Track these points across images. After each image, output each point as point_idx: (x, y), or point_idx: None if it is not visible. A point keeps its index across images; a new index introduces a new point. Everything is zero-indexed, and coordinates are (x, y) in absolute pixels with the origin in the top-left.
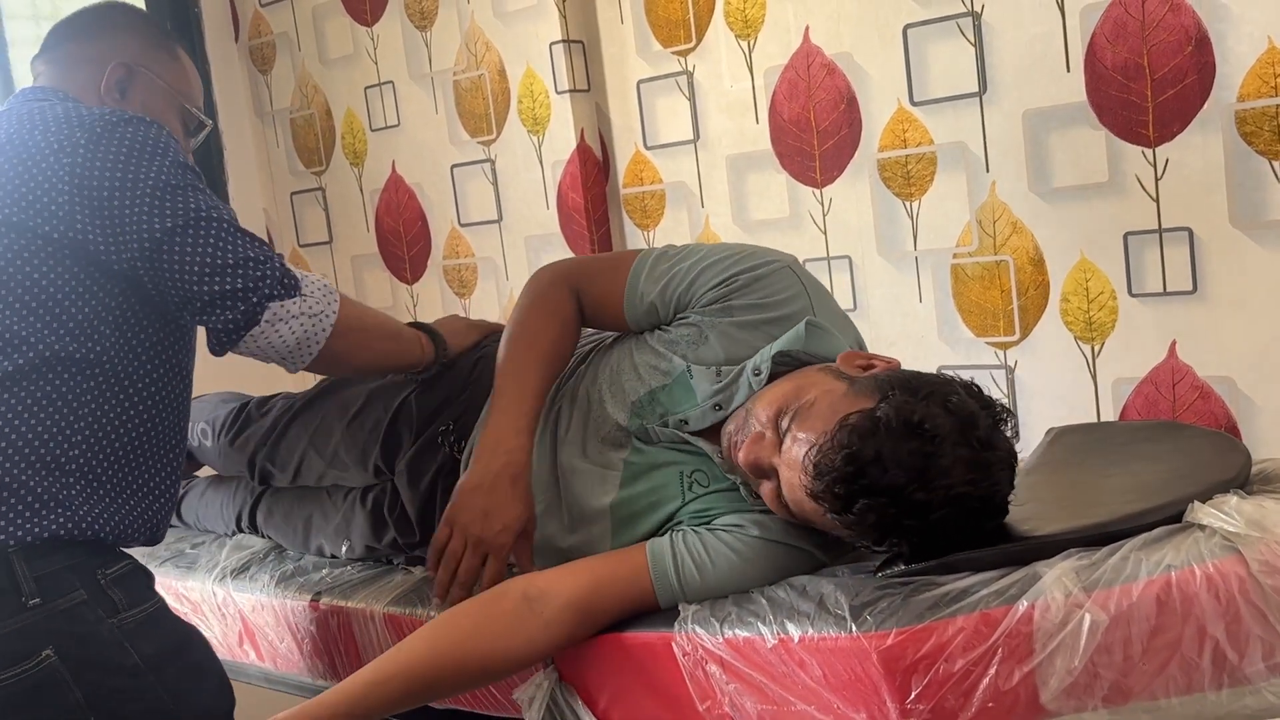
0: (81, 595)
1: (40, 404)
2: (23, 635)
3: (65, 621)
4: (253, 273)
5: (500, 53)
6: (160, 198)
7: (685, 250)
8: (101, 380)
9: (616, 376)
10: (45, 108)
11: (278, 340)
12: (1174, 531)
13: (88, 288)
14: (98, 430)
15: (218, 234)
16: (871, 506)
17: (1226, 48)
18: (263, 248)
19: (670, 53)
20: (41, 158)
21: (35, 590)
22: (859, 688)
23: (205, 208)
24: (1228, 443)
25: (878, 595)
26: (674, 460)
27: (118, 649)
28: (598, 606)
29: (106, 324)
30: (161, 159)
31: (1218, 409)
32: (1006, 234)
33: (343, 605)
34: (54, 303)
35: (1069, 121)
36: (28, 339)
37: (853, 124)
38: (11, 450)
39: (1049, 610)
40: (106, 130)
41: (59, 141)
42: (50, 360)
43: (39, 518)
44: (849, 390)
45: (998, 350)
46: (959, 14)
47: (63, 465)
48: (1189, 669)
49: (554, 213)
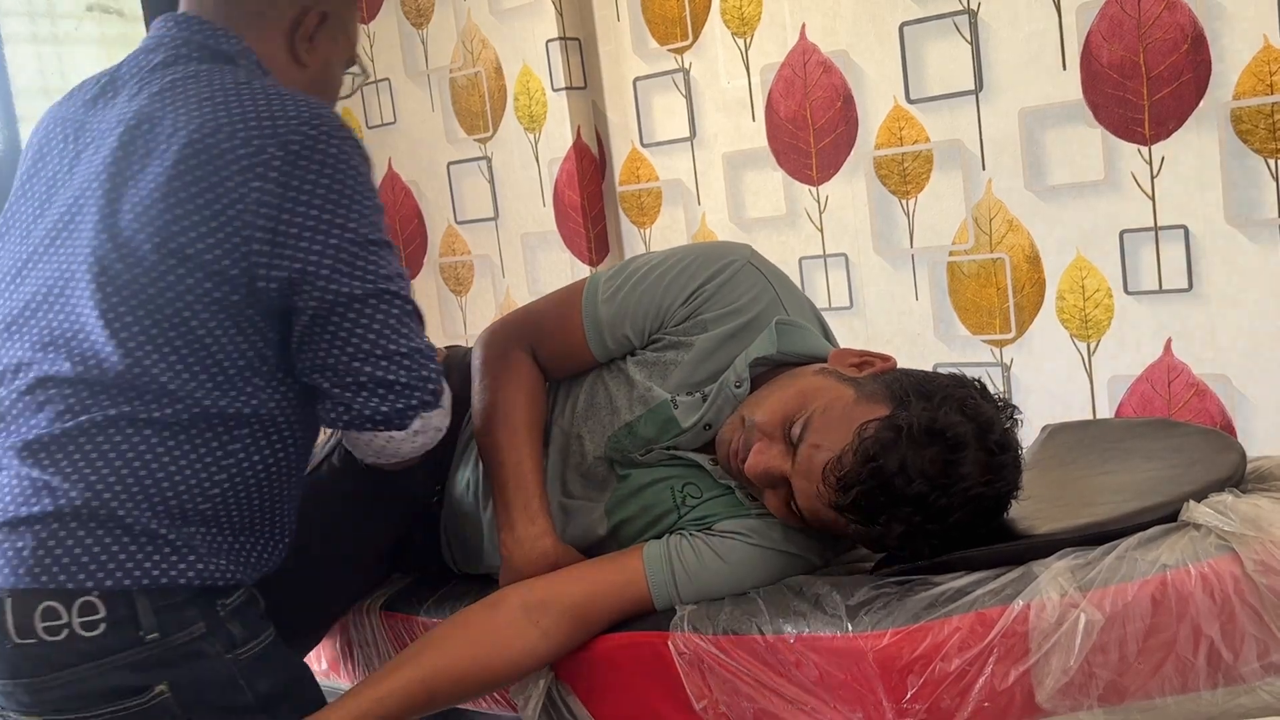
0: (201, 629)
1: (187, 457)
2: (136, 669)
3: (182, 657)
4: (416, 371)
5: (497, 50)
6: (354, 256)
7: (636, 268)
8: (248, 435)
9: (592, 410)
10: (221, 78)
11: (406, 449)
12: (1169, 531)
13: (246, 336)
14: (237, 482)
15: (400, 314)
16: (897, 517)
17: (1222, 46)
18: (424, 336)
19: (667, 50)
20: (228, 174)
21: (155, 625)
22: (855, 687)
23: (392, 274)
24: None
25: (874, 595)
26: (662, 477)
27: (233, 688)
28: (595, 613)
29: (260, 375)
30: (363, 199)
31: (1213, 406)
32: (1002, 232)
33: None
34: (208, 355)
35: (1065, 119)
36: (176, 392)
37: (849, 122)
38: (142, 496)
39: (1044, 610)
40: (306, 149)
41: (249, 156)
42: (198, 416)
43: (167, 563)
44: (858, 395)
45: (994, 348)
46: (955, 12)
47: (189, 516)
48: (1184, 668)
49: (550, 210)
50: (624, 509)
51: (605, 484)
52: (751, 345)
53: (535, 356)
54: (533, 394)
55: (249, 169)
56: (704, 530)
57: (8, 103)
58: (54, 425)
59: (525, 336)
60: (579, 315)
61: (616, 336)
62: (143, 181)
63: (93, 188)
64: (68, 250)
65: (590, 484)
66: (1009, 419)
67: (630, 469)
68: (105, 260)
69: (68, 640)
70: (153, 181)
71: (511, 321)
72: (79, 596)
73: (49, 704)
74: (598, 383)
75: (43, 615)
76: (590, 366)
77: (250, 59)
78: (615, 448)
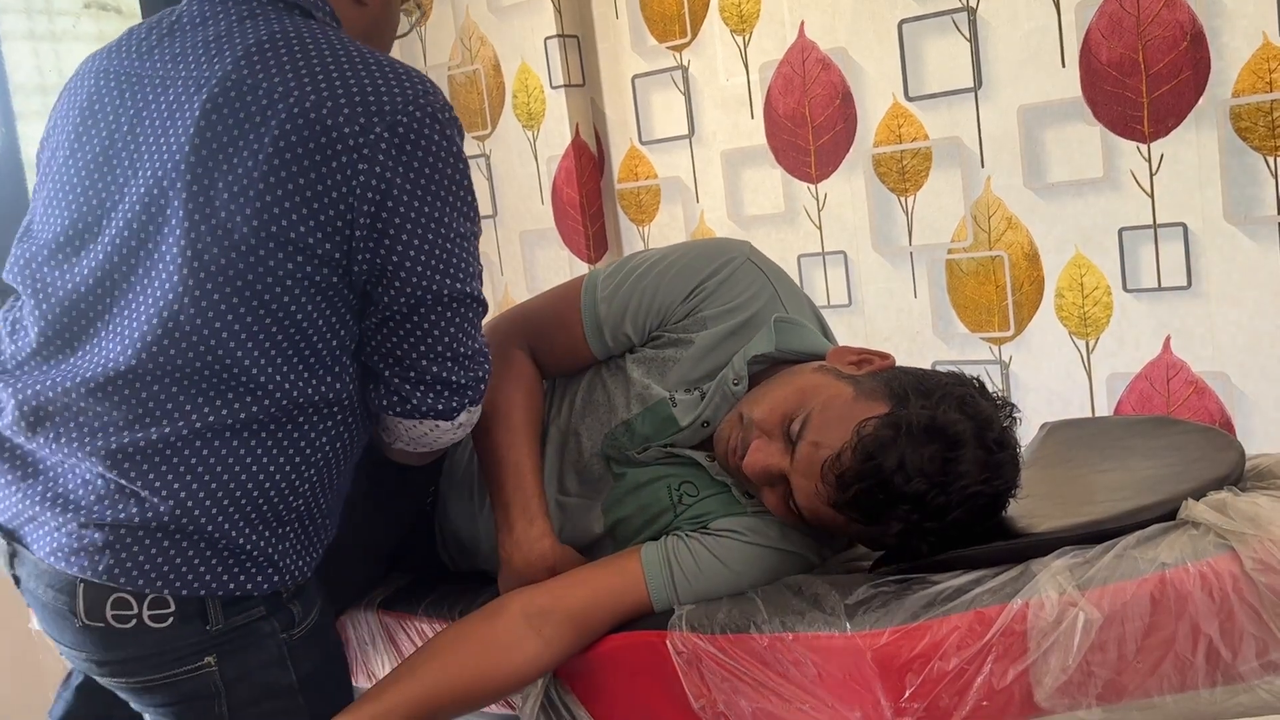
0: (260, 611)
1: (276, 460)
2: (195, 646)
3: (238, 636)
4: (475, 372)
5: (495, 47)
6: (449, 255)
7: (635, 265)
8: (339, 417)
9: (590, 408)
10: (316, 42)
11: (445, 439)
12: (1168, 529)
13: (340, 316)
14: (323, 470)
15: (475, 316)
16: (895, 515)
17: (1221, 43)
18: (482, 338)
19: (665, 48)
20: (334, 153)
21: (221, 619)
22: (853, 686)
23: (476, 271)
24: (1222, 439)
25: (872, 594)
26: (659, 475)
27: (279, 668)
28: (596, 618)
29: (349, 353)
30: (464, 190)
31: (1212, 404)
32: (1001, 229)
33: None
34: (303, 339)
35: (1064, 117)
36: (265, 384)
37: (848, 119)
38: (234, 509)
39: (1043, 608)
40: (414, 133)
41: (356, 135)
42: (290, 408)
43: (245, 575)
44: (857, 393)
45: (992, 345)
46: (954, 9)
47: (282, 517)
48: (1183, 667)
49: (549, 208)
50: (621, 508)
51: (602, 482)
52: (750, 342)
53: (533, 354)
54: (531, 392)
55: (356, 149)
56: (700, 530)
57: (5, 100)
58: (138, 432)
59: (523, 334)
60: (578, 313)
61: (616, 334)
62: (240, 159)
63: (177, 161)
64: (153, 230)
65: (587, 482)
66: (1007, 417)
67: (627, 467)
68: (199, 244)
69: (135, 629)
70: (251, 159)
71: (509, 319)
72: (152, 594)
73: (107, 666)
74: (595, 381)
75: (113, 605)
76: (588, 364)
77: (325, 9)
78: (612, 445)
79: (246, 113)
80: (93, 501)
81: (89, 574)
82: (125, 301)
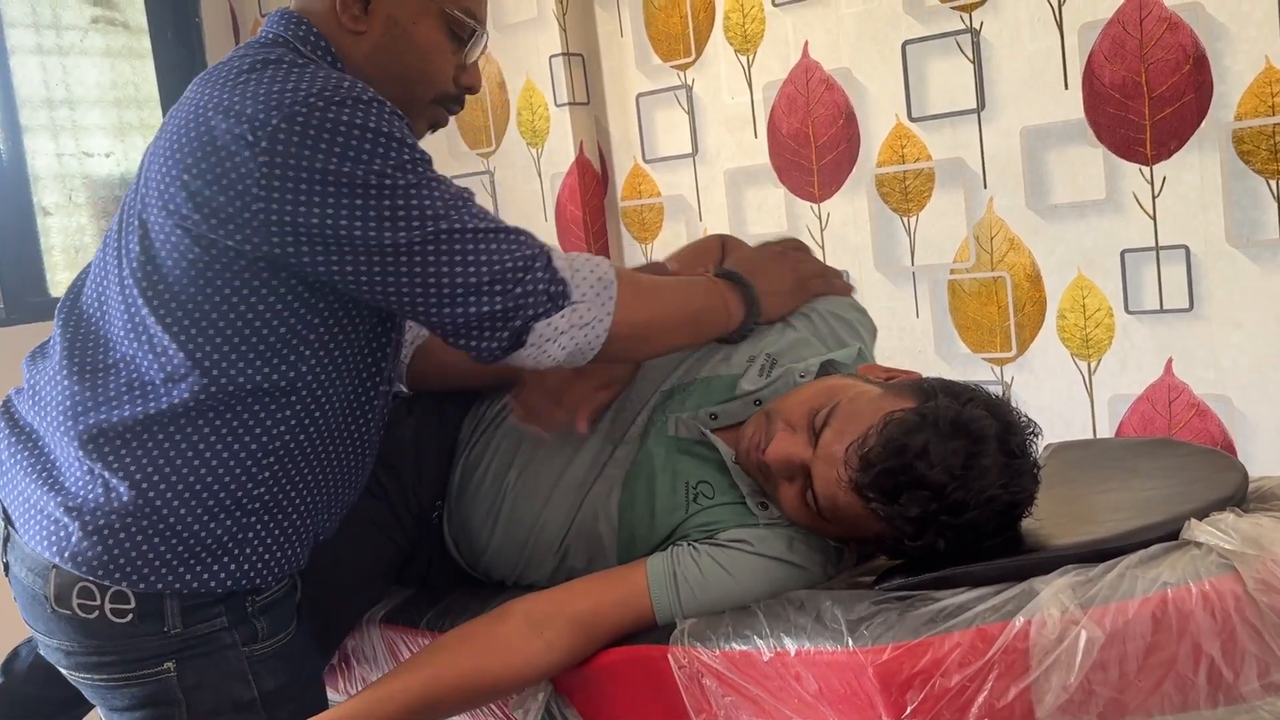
0: (223, 622)
1: (224, 440)
2: (155, 649)
3: (198, 644)
4: (513, 289)
5: (500, 65)
6: (381, 202)
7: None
8: (297, 407)
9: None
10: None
11: (546, 359)
12: (1170, 549)
13: (287, 304)
14: (289, 461)
15: (472, 246)
16: (915, 499)
17: (1224, 67)
18: (522, 250)
19: (670, 67)
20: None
21: (179, 623)
22: (855, 702)
23: (444, 209)
24: (1225, 460)
25: (874, 610)
26: (680, 470)
27: (240, 682)
28: (598, 628)
29: (306, 343)
30: (385, 149)
31: (1214, 427)
32: (1004, 250)
33: None
34: (244, 324)
35: (1067, 139)
36: (210, 370)
37: (851, 139)
38: (191, 497)
39: (1045, 626)
40: (307, 114)
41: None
42: (237, 392)
43: (203, 567)
44: (885, 392)
45: (994, 366)
46: (958, 31)
47: (245, 507)
48: (1184, 687)
49: (552, 225)
50: (635, 485)
51: (620, 449)
52: (838, 351)
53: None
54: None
55: (240, 138)
56: (709, 540)
57: (12, 114)
58: (103, 414)
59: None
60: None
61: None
62: (158, 161)
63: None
64: (118, 234)
65: (610, 451)
66: (1030, 431)
67: (658, 444)
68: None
69: (99, 620)
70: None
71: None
72: (113, 587)
73: (75, 658)
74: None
75: (79, 594)
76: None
77: (315, 44)
78: (663, 404)
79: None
80: (71, 484)
81: (58, 559)
82: (96, 305)
